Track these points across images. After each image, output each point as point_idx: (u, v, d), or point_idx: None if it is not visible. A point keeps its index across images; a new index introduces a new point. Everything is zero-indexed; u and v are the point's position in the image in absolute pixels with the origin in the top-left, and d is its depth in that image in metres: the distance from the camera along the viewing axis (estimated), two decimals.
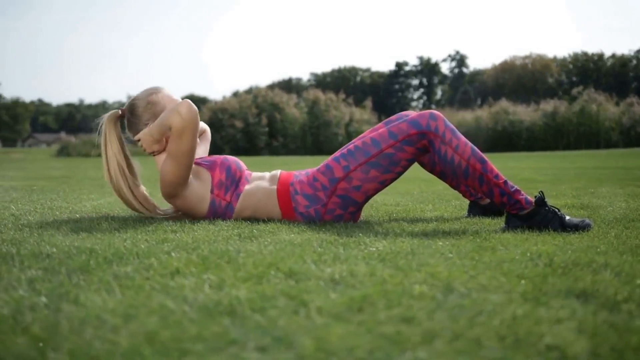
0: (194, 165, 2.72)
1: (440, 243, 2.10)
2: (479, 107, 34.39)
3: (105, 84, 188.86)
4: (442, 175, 2.99)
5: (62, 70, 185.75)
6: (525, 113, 29.49)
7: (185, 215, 2.78)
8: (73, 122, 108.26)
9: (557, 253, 1.89)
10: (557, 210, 2.57)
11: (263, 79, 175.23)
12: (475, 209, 3.12)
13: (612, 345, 1.02)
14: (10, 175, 7.86)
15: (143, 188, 2.78)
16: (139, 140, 2.72)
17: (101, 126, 2.74)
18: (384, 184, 2.70)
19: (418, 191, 4.94)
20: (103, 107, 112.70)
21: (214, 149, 30.08)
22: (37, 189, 4.88)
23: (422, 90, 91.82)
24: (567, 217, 2.56)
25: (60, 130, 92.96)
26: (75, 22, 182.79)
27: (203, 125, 3.18)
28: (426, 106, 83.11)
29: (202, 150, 3.11)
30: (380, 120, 31.16)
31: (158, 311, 1.19)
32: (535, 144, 28.16)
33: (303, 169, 2.90)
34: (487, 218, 2.97)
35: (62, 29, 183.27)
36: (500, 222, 2.77)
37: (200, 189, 2.68)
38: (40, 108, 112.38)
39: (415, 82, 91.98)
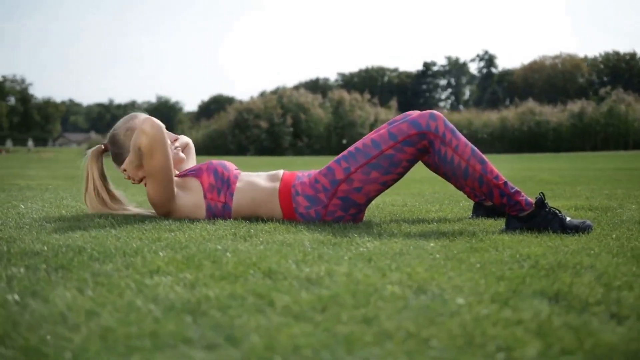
0: (179, 179, 2.74)
1: (432, 244, 2.10)
2: (505, 107, 34.05)
3: (134, 84, 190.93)
4: (445, 176, 2.97)
5: (92, 71, 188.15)
6: (551, 114, 29.20)
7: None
8: (103, 121, 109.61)
9: (546, 255, 1.88)
10: (557, 211, 2.55)
11: (290, 79, 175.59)
12: (480, 210, 3.10)
13: (563, 347, 1.02)
14: (30, 174, 7.98)
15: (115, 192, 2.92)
16: (125, 171, 2.75)
17: (84, 162, 2.83)
18: (385, 185, 2.70)
19: (430, 192, 4.92)
20: (132, 106, 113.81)
21: (239, 149, 30.52)
22: (52, 188, 4.96)
23: (450, 90, 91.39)
24: (568, 219, 2.53)
25: (90, 130, 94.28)
26: (105, 24, 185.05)
27: (185, 139, 3.17)
28: (454, 107, 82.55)
29: (190, 163, 3.13)
30: None
31: (123, 309, 1.21)
32: (562, 145, 27.86)
33: None
34: (490, 219, 2.95)
35: (92, 31, 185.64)
36: (502, 223, 2.75)
37: (193, 198, 2.70)
38: (71, 108, 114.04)
39: (443, 82, 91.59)
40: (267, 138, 28.94)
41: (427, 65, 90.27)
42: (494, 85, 78.92)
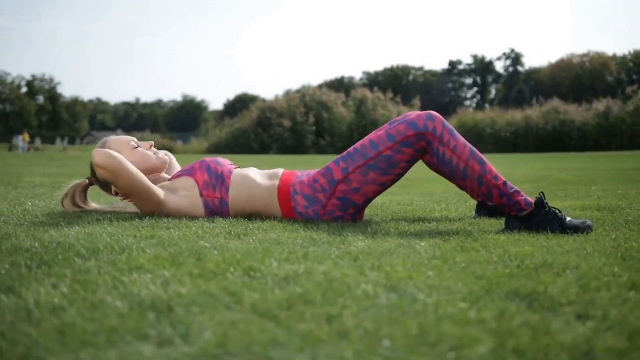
0: (171, 182, 2.78)
1: (423, 243, 2.09)
2: (529, 106, 33.62)
3: (160, 83, 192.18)
4: (446, 177, 2.97)
5: (119, 70, 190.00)
6: (576, 112, 28.86)
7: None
8: (129, 120, 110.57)
9: (534, 255, 1.86)
10: (557, 211, 2.54)
11: (315, 78, 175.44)
12: (483, 210, 3.09)
13: (516, 346, 1.01)
14: (49, 172, 8.10)
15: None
16: (117, 194, 2.82)
17: (66, 194, 2.97)
18: (383, 186, 2.70)
19: (440, 191, 4.89)
20: (158, 105, 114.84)
21: (262, 148, 30.64)
22: (64, 186, 5.00)
23: (475, 89, 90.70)
24: (568, 219, 2.52)
25: (117, 128, 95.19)
26: (132, 23, 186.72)
27: (166, 157, 3.13)
28: (480, 105, 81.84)
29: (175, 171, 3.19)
30: None
31: (92, 305, 1.23)
32: (587, 144, 27.50)
33: None
34: (492, 219, 2.94)
35: (120, 30, 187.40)
36: (502, 223, 2.73)
37: (189, 197, 2.72)
38: (98, 106, 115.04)
39: (468, 80, 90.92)
40: (289, 136, 29.01)
41: (453, 64, 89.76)
42: (521, 84, 78.19)
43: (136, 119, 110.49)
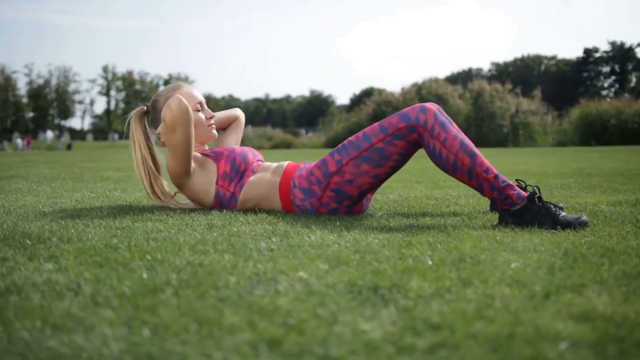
0: (200, 156, 2.87)
1: (377, 238, 2.07)
2: None
3: (289, 79, 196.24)
4: (441, 169, 2.91)
5: (250, 67, 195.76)
6: None
7: (195, 205, 2.94)
8: (259, 115, 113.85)
9: (468, 251, 1.82)
10: (552, 206, 2.44)
11: (442, 70, 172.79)
12: (496, 206, 2.99)
13: (272, 337, 1.04)
14: (123, 167, 8.47)
15: (164, 182, 2.97)
16: (159, 134, 2.90)
17: (129, 121, 2.97)
18: (378, 178, 2.69)
19: None
20: (287, 101, 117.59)
21: None
22: (112, 179, 5.32)
23: (613, 77, 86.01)
24: (563, 214, 2.42)
25: (247, 124, 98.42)
26: (261, 22, 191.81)
27: (235, 112, 3.34)
28: (618, 95, 77.49)
29: (234, 139, 3.28)
30: (548, 111, 29.70)
31: None
32: None
33: None
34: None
35: (249, 29, 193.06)
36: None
37: (206, 180, 2.83)
38: (230, 103, 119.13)
39: (606, 69, 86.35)
40: None
41: (588, 52, 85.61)
42: None
43: (265, 114, 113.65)
